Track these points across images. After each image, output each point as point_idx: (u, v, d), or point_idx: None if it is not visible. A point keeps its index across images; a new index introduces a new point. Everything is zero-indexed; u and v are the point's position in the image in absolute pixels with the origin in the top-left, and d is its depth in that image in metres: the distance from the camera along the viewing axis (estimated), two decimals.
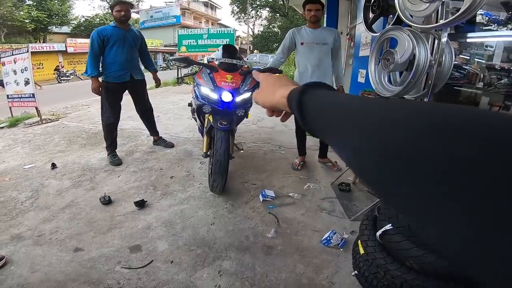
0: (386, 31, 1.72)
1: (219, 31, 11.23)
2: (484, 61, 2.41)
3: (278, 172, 2.78)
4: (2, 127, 4.60)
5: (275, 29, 29.90)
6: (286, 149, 3.37)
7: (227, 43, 10.12)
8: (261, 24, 33.63)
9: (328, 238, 1.76)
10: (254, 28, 34.08)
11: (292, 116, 0.44)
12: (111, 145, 2.98)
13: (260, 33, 32.09)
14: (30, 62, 4.74)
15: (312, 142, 3.49)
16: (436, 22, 1.51)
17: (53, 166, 2.82)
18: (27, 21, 18.59)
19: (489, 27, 2.39)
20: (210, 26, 33.66)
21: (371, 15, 2.15)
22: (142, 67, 3.17)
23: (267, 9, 29.49)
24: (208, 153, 2.29)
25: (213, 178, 2.13)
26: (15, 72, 4.89)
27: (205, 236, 1.83)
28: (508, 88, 2.12)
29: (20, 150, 3.41)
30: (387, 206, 1.17)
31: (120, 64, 2.77)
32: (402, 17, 1.56)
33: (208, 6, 36.08)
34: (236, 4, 29.63)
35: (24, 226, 1.93)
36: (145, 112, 3.25)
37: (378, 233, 1.22)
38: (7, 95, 5.13)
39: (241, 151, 3.25)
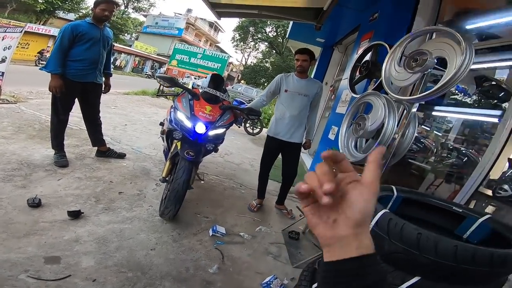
0: (366, 95, 1.81)
1: (214, 54, 11.53)
2: (441, 135, 2.60)
3: (233, 210, 2.73)
4: None
5: (267, 65, 31.25)
6: (246, 189, 3.34)
7: (219, 68, 10.44)
8: (256, 57, 35.10)
9: (269, 282, 1.76)
10: (248, 58, 35.45)
11: (233, 146, 0.35)
12: (59, 144, 2.73)
13: (252, 64, 33.34)
14: (17, 43, 4.49)
15: (272, 187, 3.48)
16: (411, 94, 1.59)
17: None
18: (40, 1, 18.04)
19: (455, 99, 2.60)
20: (208, 46, 34.62)
21: (357, 75, 2.24)
22: None
23: (266, 43, 30.98)
24: (167, 178, 2.21)
25: (166, 205, 2.05)
26: None
27: (142, 260, 1.71)
28: (452, 168, 2.29)
29: None
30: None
31: (89, 63, 2.63)
32: (384, 83, 1.63)
33: (212, 27, 37.37)
34: (239, 32, 30.96)
35: None
36: (94, 117, 2.98)
37: (314, 286, 1.25)
38: None
39: (202, 182, 3.16)
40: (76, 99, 2.78)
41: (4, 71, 4.39)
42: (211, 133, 2.15)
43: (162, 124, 3.03)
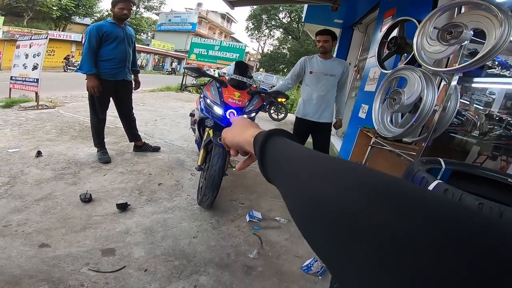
0: (398, 70, 1.74)
1: (231, 45, 11.50)
2: (482, 108, 2.44)
3: (267, 195, 2.75)
4: None
5: (284, 51, 30.58)
6: None
7: (237, 58, 10.42)
8: (272, 44, 34.46)
9: (309, 265, 1.77)
10: (264, 46, 34.88)
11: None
12: (101, 142, 2.90)
13: (269, 52, 32.81)
14: (45, 49, 4.79)
15: None
16: (446, 66, 1.53)
17: (38, 154, 2.74)
18: (54, 8, 18.85)
19: (496, 71, 2.42)
20: (223, 38, 34.48)
21: (385, 51, 2.18)
22: None
23: (281, 30, 30.27)
24: (202, 166, 2.26)
25: (203, 192, 2.10)
26: (26, 56, 4.95)
27: (186, 248, 1.77)
28: (499, 139, 2.14)
29: (8, 132, 3.32)
30: None
31: (118, 61, 2.72)
32: (417, 57, 1.57)
33: (225, 19, 37.10)
34: (252, 21, 30.50)
35: None
36: (128, 114, 3.10)
37: None
38: (11, 77, 5.15)
39: (233, 169, 3.21)
40: (111, 98, 2.92)
41: (38, 78, 4.70)
42: None
43: (192, 115, 3.10)
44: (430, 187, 0.94)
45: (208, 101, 2.17)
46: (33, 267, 1.44)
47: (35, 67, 4.81)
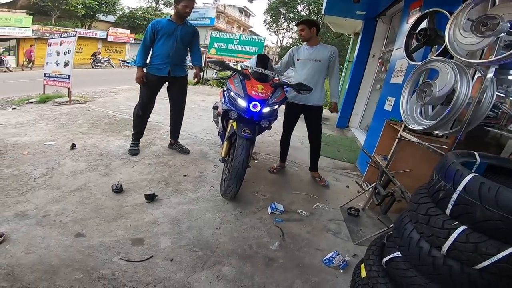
0: (429, 62, 1.68)
1: (250, 38, 11.46)
2: None
3: (289, 187, 2.77)
4: (32, 102, 4.83)
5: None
6: (299, 166, 3.34)
7: (256, 51, 10.38)
8: (291, 37, 33.89)
9: (331, 258, 1.77)
10: (283, 40, 34.39)
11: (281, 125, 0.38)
12: (137, 133, 3.01)
13: (288, 45, 32.30)
14: (75, 46, 5.03)
15: (325, 163, 3.45)
16: (481, 57, 1.46)
17: (73, 146, 2.90)
18: (79, 6, 19.63)
19: None
20: (241, 32, 34.35)
21: (413, 43, 2.12)
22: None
23: None
24: (226, 158, 2.30)
25: (227, 184, 2.14)
26: (58, 53, 5.22)
27: (209, 239, 1.82)
28: None
29: (44, 126, 3.54)
30: (399, 235, 1.17)
31: (161, 57, 2.76)
32: (450, 49, 1.52)
33: (243, 12, 36.88)
34: (270, 14, 30.12)
35: (31, 204, 1.93)
36: (177, 112, 3.13)
37: (385, 259, 1.23)
38: (45, 74, 5.45)
39: (255, 161, 3.25)
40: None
41: (70, 74, 4.96)
42: (265, 110, 2.18)
43: (215, 107, 3.15)
44: (465, 180, 0.91)
45: (232, 93, 2.20)
46: (69, 256, 1.52)
47: (66, 64, 5.05)
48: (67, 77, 5.00)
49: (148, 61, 2.81)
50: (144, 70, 2.80)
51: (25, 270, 1.39)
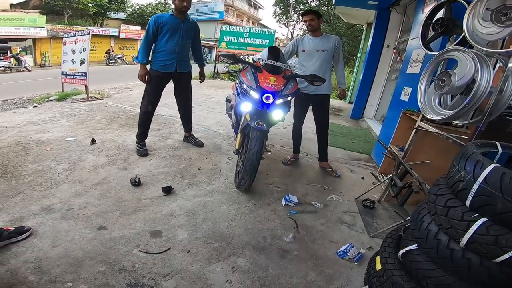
0: (447, 51, 1.63)
1: (260, 31, 11.35)
2: None
3: (302, 179, 2.77)
4: (52, 100, 5.01)
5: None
6: (313, 157, 3.32)
7: (267, 44, 10.29)
8: (301, 28, 33.24)
9: (345, 250, 1.76)
10: (293, 31, 33.81)
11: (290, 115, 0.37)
12: (142, 134, 2.95)
13: (298, 37, 31.76)
14: (89, 44, 5.14)
15: (339, 154, 3.42)
16: (502, 47, 1.41)
17: (93, 141, 3.00)
18: (90, 5, 19.94)
19: None
20: (251, 25, 34.04)
21: (430, 33, 2.07)
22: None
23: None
24: (240, 150, 2.32)
25: (241, 176, 2.16)
26: (73, 51, 5.33)
27: (224, 231, 1.85)
28: None
29: (64, 123, 3.67)
30: (416, 227, 1.16)
31: (167, 53, 2.72)
32: (469, 38, 1.47)
33: (251, 5, 36.49)
34: (279, 6, 29.58)
35: (56, 198, 1.99)
36: (184, 106, 3.16)
37: (401, 252, 1.22)
38: (62, 72, 5.62)
39: (269, 153, 3.25)
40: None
41: (86, 72, 5.07)
42: (278, 101, 2.18)
43: (228, 100, 3.17)
44: (486, 171, 0.89)
45: (245, 86, 2.21)
46: (93, 249, 1.56)
47: (82, 62, 5.17)
48: (83, 74, 5.13)
49: (150, 57, 2.77)
50: (148, 67, 2.77)
51: (52, 263, 1.45)
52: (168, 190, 2.19)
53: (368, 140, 4.46)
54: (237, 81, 2.45)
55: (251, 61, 2.50)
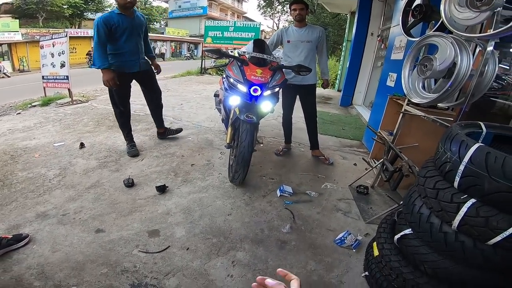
0: (427, 37, 1.66)
1: (245, 24, 11.21)
2: None
3: (296, 169, 2.79)
4: (35, 106, 4.86)
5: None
6: (305, 147, 3.35)
7: (253, 37, 10.20)
8: (287, 20, 33.02)
9: (342, 238, 1.78)
10: (279, 23, 33.57)
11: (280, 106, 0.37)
12: (128, 135, 2.91)
13: (283, 27, 31.54)
14: (68, 47, 4.97)
15: (331, 142, 3.47)
16: (480, 31, 1.44)
17: (82, 145, 2.95)
18: (65, 6, 19.25)
19: None
20: (236, 18, 33.67)
21: (410, 19, 2.09)
22: None
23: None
24: (231, 144, 2.32)
25: (234, 170, 2.17)
26: (52, 55, 5.15)
27: (222, 226, 1.86)
28: None
29: (51, 128, 3.58)
30: (409, 211, 1.15)
31: (130, 54, 2.63)
32: (447, 24, 1.50)
33: None
34: None
35: (50, 204, 1.98)
36: (155, 100, 3.07)
37: (396, 237, 1.22)
38: (43, 76, 5.43)
39: (261, 145, 3.27)
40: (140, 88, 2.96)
41: (68, 75, 4.92)
42: (266, 93, 2.19)
43: (217, 95, 3.15)
44: (471, 151, 0.90)
45: (232, 80, 2.20)
46: (93, 252, 1.57)
47: (62, 65, 5.00)
48: (65, 77, 4.98)
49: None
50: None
51: (54, 268, 1.45)
52: (162, 189, 2.18)
53: (358, 127, 4.53)
54: (224, 76, 2.43)
55: (236, 54, 2.49)
